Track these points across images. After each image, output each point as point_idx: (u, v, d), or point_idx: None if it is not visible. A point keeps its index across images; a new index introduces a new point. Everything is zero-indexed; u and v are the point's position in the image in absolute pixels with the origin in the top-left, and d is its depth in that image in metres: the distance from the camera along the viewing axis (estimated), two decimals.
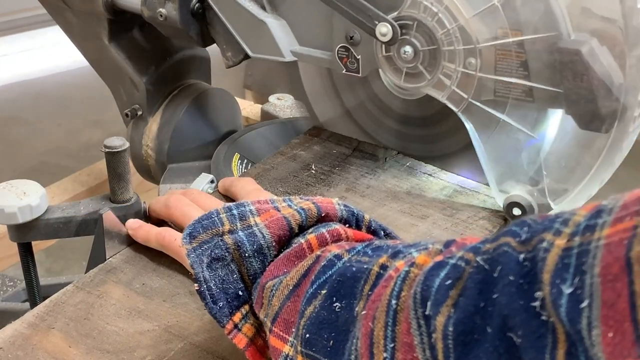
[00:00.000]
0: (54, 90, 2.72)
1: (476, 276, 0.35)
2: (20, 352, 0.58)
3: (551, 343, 0.30)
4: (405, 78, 0.77)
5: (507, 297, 0.32)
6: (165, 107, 1.03)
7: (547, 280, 0.30)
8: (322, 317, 0.45)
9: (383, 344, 0.39)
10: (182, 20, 0.86)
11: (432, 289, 0.36)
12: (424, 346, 0.36)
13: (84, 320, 0.62)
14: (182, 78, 1.05)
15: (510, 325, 0.32)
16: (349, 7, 0.75)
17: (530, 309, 0.31)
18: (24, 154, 2.34)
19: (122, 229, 0.71)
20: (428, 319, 0.36)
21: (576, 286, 0.29)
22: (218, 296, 0.51)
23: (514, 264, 0.33)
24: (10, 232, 0.72)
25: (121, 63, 1.00)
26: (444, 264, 0.37)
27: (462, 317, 0.34)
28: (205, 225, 0.53)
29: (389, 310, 0.39)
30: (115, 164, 0.70)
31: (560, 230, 0.31)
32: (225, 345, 0.59)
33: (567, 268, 0.30)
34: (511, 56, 0.69)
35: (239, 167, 0.97)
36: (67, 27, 1.04)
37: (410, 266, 0.40)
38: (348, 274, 0.46)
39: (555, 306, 0.30)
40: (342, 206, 0.56)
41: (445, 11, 0.71)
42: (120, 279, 0.67)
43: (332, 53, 0.81)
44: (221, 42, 0.88)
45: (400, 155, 0.89)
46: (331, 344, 0.44)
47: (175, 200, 0.71)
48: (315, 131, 0.95)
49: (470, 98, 0.73)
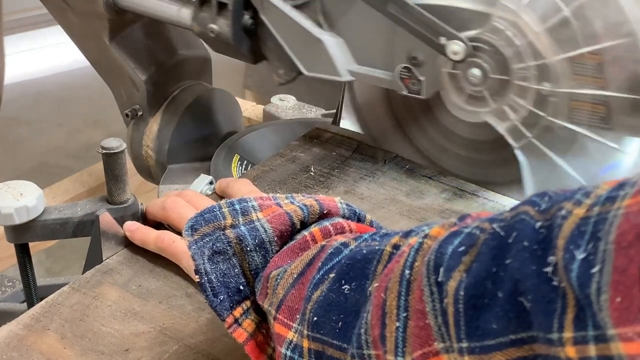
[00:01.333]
0: (54, 90, 2.72)
1: (491, 242, 0.35)
2: (15, 353, 0.58)
3: (560, 308, 0.30)
4: (468, 100, 0.74)
5: (519, 261, 0.32)
6: (166, 107, 1.02)
7: (562, 245, 0.30)
8: (331, 300, 0.45)
9: (396, 313, 0.39)
10: (235, 36, 0.83)
11: (446, 255, 0.36)
12: (436, 313, 0.36)
13: (79, 322, 0.61)
14: (182, 78, 1.05)
15: (521, 290, 0.32)
16: (418, 23, 0.72)
17: (542, 274, 0.31)
18: (24, 154, 2.34)
19: (118, 230, 0.71)
20: (440, 285, 0.36)
21: (589, 252, 0.29)
22: (219, 289, 0.51)
23: (530, 230, 0.32)
24: (7, 233, 0.72)
25: (122, 63, 1.00)
26: (459, 232, 0.37)
27: (474, 281, 0.34)
28: (207, 218, 0.53)
29: (402, 280, 0.39)
30: (112, 166, 0.70)
31: (581, 200, 0.31)
32: (220, 347, 0.59)
33: (583, 235, 0.29)
34: (590, 81, 0.66)
35: (239, 169, 0.97)
36: (68, 27, 1.03)
37: (424, 237, 0.40)
38: (358, 256, 0.45)
39: (567, 271, 0.29)
40: (345, 204, 0.56)
41: (527, 46, 0.67)
42: (117, 281, 0.67)
43: (393, 73, 0.77)
44: (273, 59, 0.85)
45: (400, 158, 0.88)
46: (339, 325, 0.44)
47: (172, 202, 0.71)
48: (315, 133, 0.94)
49: (532, 137, 0.71)
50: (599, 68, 0.65)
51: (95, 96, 2.52)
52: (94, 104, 2.51)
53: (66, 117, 2.55)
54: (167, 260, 0.68)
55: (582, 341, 0.29)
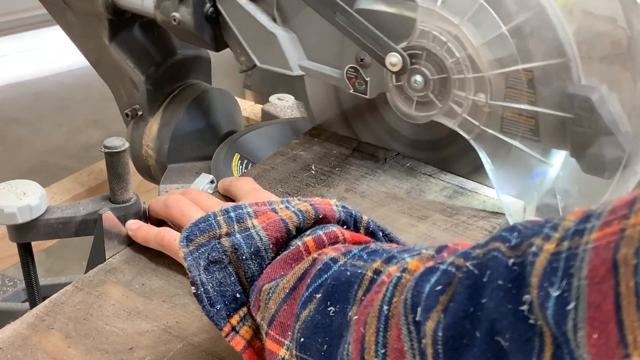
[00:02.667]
0: (54, 90, 2.72)
1: (466, 281, 0.35)
2: (20, 353, 0.58)
3: (538, 346, 0.30)
4: (416, 107, 0.77)
5: (495, 301, 0.32)
6: (166, 107, 1.03)
7: (535, 283, 0.30)
8: (317, 321, 0.45)
9: (374, 349, 0.39)
10: (196, 24, 0.85)
11: (423, 294, 0.37)
12: (414, 352, 0.37)
13: (83, 321, 0.62)
14: (182, 78, 1.05)
15: (498, 329, 0.32)
16: (361, 34, 0.74)
17: (518, 313, 0.31)
18: (24, 154, 2.34)
19: (121, 229, 0.71)
20: (418, 325, 0.36)
21: (563, 289, 0.29)
22: (215, 299, 0.51)
23: (503, 268, 0.33)
24: (10, 232, 0.72)
25: (121, 63, 1.00)
26: (435, 269, 0.37)
27: (452, 322, 0.34)
28: (202, 228, 0.53)
29: (381, 316, 0.39)
30: (114, 165, 0.70)
31: (550, 235, 0.31)
32: (224, 346, 0.59)
33: (556, 272, 0.30)
34: (521, 95, 0.69)
35: (239, 168, 0.97)
36: (67, 27, 1.04)
37: (402, 272, 0.40)
38: (342, 278, 0.46)
39: (543, 309, 0.30)
40: (340, 207, 0.56)
41: (454, 40, 0.70)
42: (120, 280, 0.67)
43: (341, 72, 0.80)
44: (235, 47, 0.87)
45: (400, 156, 0.89)
46: (325, 348, 0.44)
47: (174, 200, 0.71)
48: (316, 131, 0.95)
49: (482, 126, 0.73)
50: (530, 84, 0.69)
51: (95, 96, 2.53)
52: (94, 104, 2.52)
53: (66, 117, 2.55)
54: (170, 258, 0.68)
55: None
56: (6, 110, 2.59)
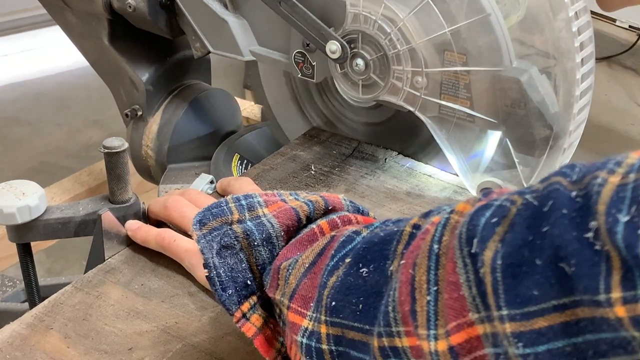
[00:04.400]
0: (54, 90, 2.72)
1: (525, 212, 0.35)
2: (19, 353, 0.58)
3: (605, 270, 0.30)
4: (363, 90, 0.80)
5: (559, 228, 0.33)
6: (165, 107, 1.02)
7: (603, 210, 0.31)
8: (349, 284, 0.45)
9: (426, 287, 0.39)
10: (151, 11, 0.88)
11: (478, 227, 0.36)
12: (470, 284, 0.36)
13: (82, 321, 0.62)
14: (182, 78, 1.05)
15: (562, 255, 0.32)
16: (303, 22, 0.78)
17: (584, 240, 0.31)
18: (24, 154, 2.34)
19: (121, 229, 0.71)
20: (474, 257, 0.36)
21: (633, 215, 0.30)
22: (227, 284, 0.51)
23: (567, 199, 0.33)
24: (9, 232, 0.72)
25: (121, 63, 1.00)
26: (489, 205, 0.37)
27: (510, 250, 0.34)
28: (215, 213, 0.54)
29: (431, 255, 0.39)
30: (114, 165, 0.70)
31: (614, 169, 0.32)
32: (223, 346, 0.59)
33: (623, 200, 0.30)
34: (457, 78, 0.72)
35: (239, 168, 0.97)
36: (67, 27, 1.03)
37: (450, 213, 0.40)
38: (375, 239, 0.46)
39: (611, 234, 0.30)
40: (348, 201, 0.57)
41: (383, 17, 0.73)
42: (119, 280, 0.67)
43: (289, 57, 0.83)
44: (190, 33, 0.90)
45: (400, 156, 0.89)
46: (360, 307, 0.44)
47: (174, 201, 0.71)
48: (315, 132, 0.95)
49: (423, 95, 0.75)
50: (464, 64, 0.72)
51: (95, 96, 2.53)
52: (94, 104, 2.52)
53: (66, 117, 2.55)
54: (170, 259, 0.68)
55: (632, 300, 0.29)
56: (6, 110, 2.59)
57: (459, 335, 0.37)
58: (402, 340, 0.40)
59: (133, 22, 0.92)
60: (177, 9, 0.88)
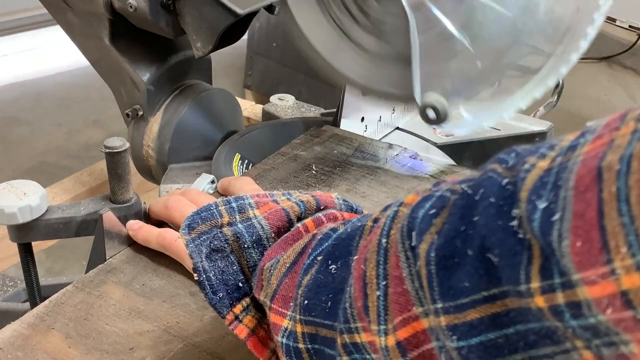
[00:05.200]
0: (54, 90, 2.72)
1: (459, 202, 0.35)
2: (20, 353, 0.58)
3: (526, 259, 0.30)
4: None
5: (486, 217, 0.32)
6: (166, 107, 1.02)
7: (525, 197, 0.30)
8: (320, 281, 0.45)
9: (376, 282, 0.39)
10: (152, 11, 0.87)
11: (417, 219, 0.36)
12: (413, 277, 0.36)
13: (83, 321, 0.62)
14: (183, 78, 1.05)
15: (488, 245, 0.32)
16: None
17: (508, 229, 0.31)
18: (24, 154, 2.34)
19: (122, 229, 0.71)
20: (414, 250, 0.36)
21: (550, 201, 0.29)
22: (218, 287, 0.51)
23: (497, 187, 0.33)
24: (11, 232, 0.72)
25: (122, 63, 1.00)
26: (430, 196, 0.37)
27: (444, 242, 0.34)
28: (204, 217, 0.53)
29: (380, 250, 0.39)
30: (115, 165, 0.70)
31: (545, 153, 0.31)
32: (224, 346, 0.59)
33: (545, 185, 0.30)
34: None
35: (240, 168, 0.97)
36: (67, 27, 1.03)
37: (399, 206, 0.40)
38: (343, 235, 0.46)
39: (530, 221, 0.30)
40: (341, 200, 0.57)
41: None
42: (120, 280, 0.67)
43: None
44: (191, 33, 0.89)
45: (401, 156, 0.89)
46: (329, 305, 0.44)
47: (175, 200, 0.71)
48: (316, 132, 0.95)
49: None
50: None
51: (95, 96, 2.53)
52: (94, 104, 2.52)
53: (66, 117, 2.55)
54: (171, 259, 0.68)
55: (550, 290, 0.29)
56: (6, 110, 2.59)
57: (405, 330, 0.37)
58: (360, 335, 0.40)
59: (134, 22, 0.92)
60: (179, 8, 0.88)
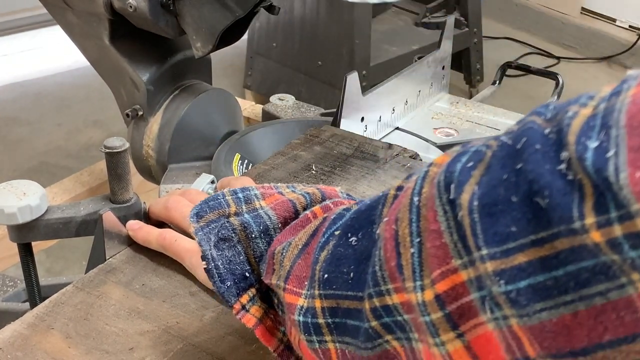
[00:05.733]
0: (54, 90, 2.72)
1: (499, 153, 0.35)
2: (20, 353, 0.58)
3: (578, 198, 0.30)
4: None
5: (532, 163, 0.33)
6: (166, 107, 1.03)
7: (573, 140, 0.31)
8: (339, 254, 0.45)
9: (409, 240, 0.38)
10: (152, 11, 0.88)
11: (455, 173, 0.36)
12: (451, 230, 0.36)
13: (83, 321, 0.62)
14: (183, 78, 1.05)
15: (536, 189, 0.32)
16: None
17: (556, 172, 0.31)
18: (24, 154, 2.34)
19: (122, 229, 0.71)
20: (453, 203, 0.36)
21: (602, 140, 0.30)
22: (225, 276, 0.51)
23: (540, 136, 0.33)
24: (10, 232, 0.72)
25: (122, 63, 1.00)
26: (465, 152, 0.37)
27: (486, 190, 0.34)
28: (212, 205, 0.54)
29: (412, 208, 0.39)
30: (115, 165, 0.70)
31: (586, 103, 0.32)
32: (224, 346, 0.59)
33: (593, 128, 0.30)
34: None
35: (240, 168, 0.97)
36: (67, 27, 1.04)
37: (429, 166, 0.40)
38: (363, 208, 0.46)
39: (581, 160, 0.30)
40: (345, 195, 0.57)
41: None
42: (120, 280, 0.67)
43: None
44: (191, 33, 0.89)
45: (401, 156, 0.89)
46: (351, 275, 0.44)
47: (175, 201, 0.71)
48: (316, 132, 0.95)
49: None
50: None
51: (95, 96, 2.53)
52: (94, 104, 2.52)
53: (66, 117, 2.55)
54: (170, 259, 0.68)
55: (606, 223, 0.29)
56: (6, 110, 2.59)
57: (444, 283, 0.36)
58: (392, 297, 0.40)
59: (134, 22, 0.92)
60: (179, 8, 0.88)
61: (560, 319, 0.32)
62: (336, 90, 2.17)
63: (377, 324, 0.42)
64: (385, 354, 0.42)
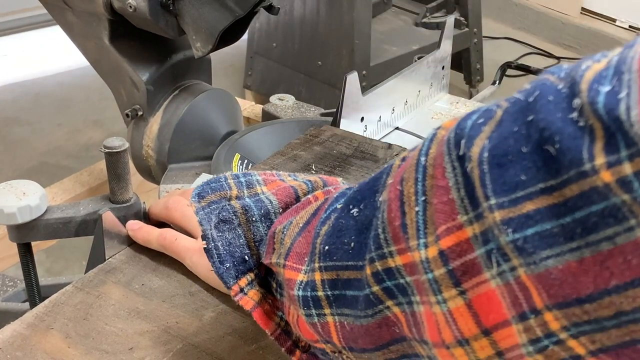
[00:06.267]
0: (54, 90, 2.72)
1: (511, 109, 0.35)
2: (19, 353, 0.58)
3: (588, 141, 0.30)
4: None
5: (544, 113, 0.33)
6: (166, 107, 1.03)
7: (585, 88, 0.31)
8: (340, 226, 0.45)
9: (414, 199, 0.38)
10: (151, 11, 0.88)
11: (466, 129, 0.36)
12: (459, 186, 0.36)
13: (83, 321, 0.62)
14: (182, 78, 1.05)
15: (546, 137, 0.32)
16: None
17: (568, 120, 0.31)
18: (24, 154, 2.34)
19: (121, 229, 0.71)
20: (462, 158, 0.36)
21: (614, 85, 0.30)
22: (225, 257, 0.51)
23: (553, 89, 0.33)
24: (10, 232, 0.72)
25: (122, 63, 1.00)
26: (476, 111, 0.37)
27: (497, 142, 0.34)
28: (213, 187, 0.54)
29: (418, 167, 0.39)
30: (114, 165, 0.70)
31: (599, 59, 0.32)
32: (224, 346, 0.59)
33: (606, 77, 0.30)
34: None
35: (240, 168, 0.97)
36: (67, 27, 1.04)
37: (437, 129, 0.40)
38: (366, 181, 0.46)
39: (592, 104, 0.30)
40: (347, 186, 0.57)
41: None
42: (120, 280, 0.67)
43: None
44: (190, 33, 0.89)
45: (401, 157, 0.88)
46: (352, 245, 0.43)
47: (174, 201, 0.71)
48: (316, 132, 0.95)
49: None
50: None
51: (95, 96, 2.53)
52: (94, 104, 2.52)
53: (66, 117, 2.55)
54: (170, 258, 0.68)
55: (616, 162, 0.29)
56: (6, 110, 2.59)
57: (449, 239, 0.36)
58: (394, 259, 0.40)
59: (134, 22, 0.92)
60: (178, 8, 0.88)
61: (566, 266, 0.32)
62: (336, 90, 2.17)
63: (379, 289, 0.41)
64: (385, 320, 0.42)
